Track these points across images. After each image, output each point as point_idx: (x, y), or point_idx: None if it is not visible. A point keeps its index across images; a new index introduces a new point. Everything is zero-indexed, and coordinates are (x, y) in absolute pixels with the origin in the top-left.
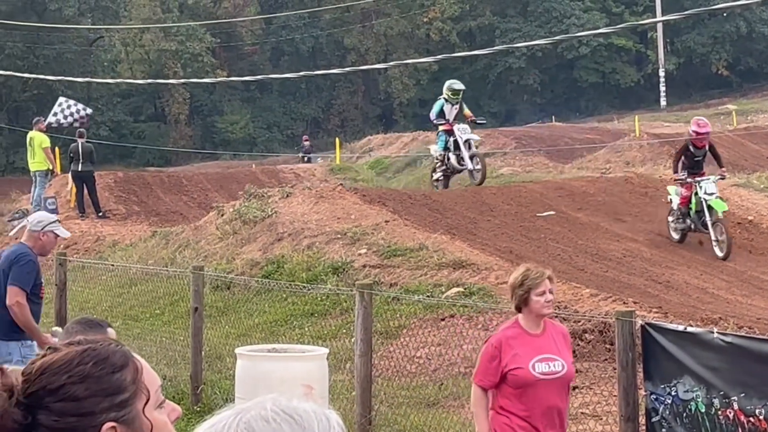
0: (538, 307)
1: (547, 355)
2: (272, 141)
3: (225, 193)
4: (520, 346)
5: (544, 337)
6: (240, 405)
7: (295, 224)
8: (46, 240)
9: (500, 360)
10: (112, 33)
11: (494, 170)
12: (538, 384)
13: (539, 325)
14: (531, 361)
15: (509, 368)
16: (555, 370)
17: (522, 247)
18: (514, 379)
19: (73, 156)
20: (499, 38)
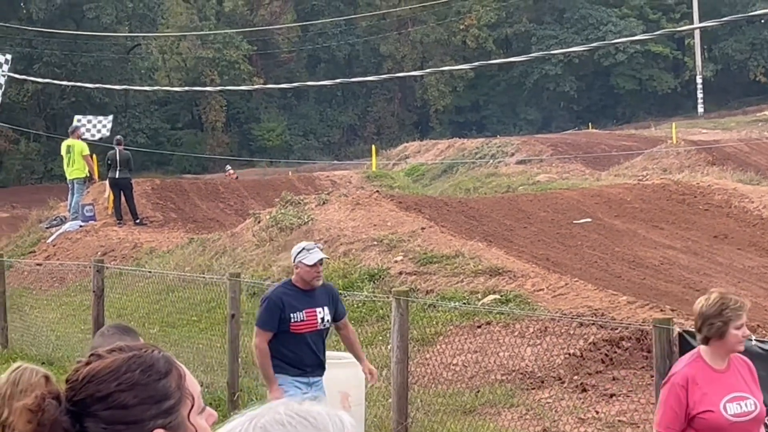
0: (734, 342)
1: (737, 393)
2: (308, 148)
3: (261, 200)
4: (707, 384)
5: (730, 373)
6: (251, 411)
7: (331, 231)
8: (300, 271)
9: (687, 402)
10: (150, 41)
11: (531, 177)
12: (732, 428)
13: (725, 360)
14: (721, 401)
15: (697, 411)
16: (747, 411)
17: (558, 254)
18: (704, 424)
19: (110, 163)
20: (536, 45)
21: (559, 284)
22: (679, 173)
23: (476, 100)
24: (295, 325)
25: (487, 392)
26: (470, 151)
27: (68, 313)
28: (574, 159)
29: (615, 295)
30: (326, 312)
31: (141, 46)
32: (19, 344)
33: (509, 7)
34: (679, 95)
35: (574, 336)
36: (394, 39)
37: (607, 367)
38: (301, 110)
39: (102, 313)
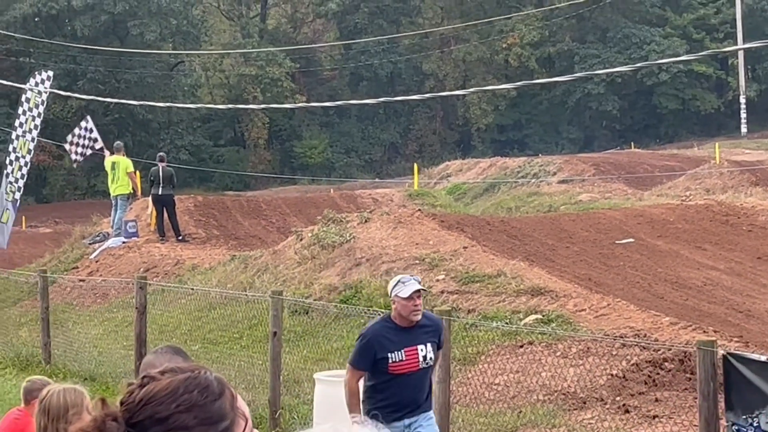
0: None
1: None
2: (350, 166)
3: (303, 218)
4: None
5: None
6: None
7: (373, 249)
8: (397, 306)
9: None
10: (193, 58)
11: (573, 197)
12: None
13: None
14: None
15: None
16: None
17: (601, 274)
18: None
19: (153, 180)
20: (578, 64)
21: (601, 305)
22: (722, 194)
23: (518, 118)
24: (393, 365)
25: (528, 412)
26: (512, 170)
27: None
28: (617, 179)
29: (657, 316)
30: (429, 349)
31: (184, 63)
32: (62, 360)
33: (552, 26)
34: (723, 115)
35: (616, 357)
36: (437, 57)
37: (650, 388)
38: (343, 128)
39: (144, 330)
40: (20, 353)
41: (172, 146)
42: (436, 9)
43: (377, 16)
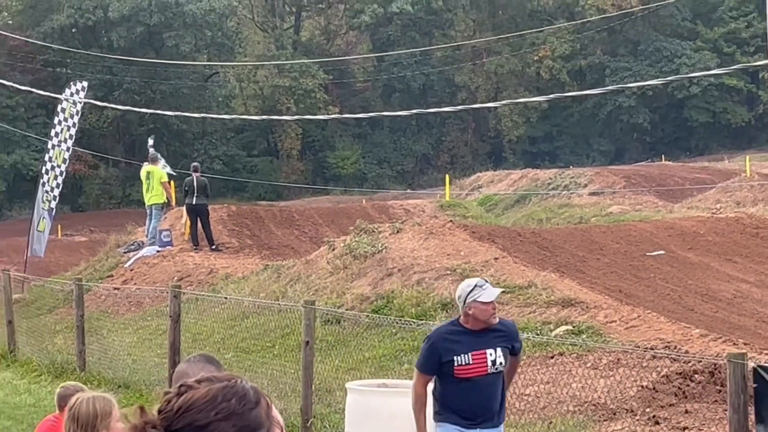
0: None
1: None
2: (382, 177)
3: (336, 228)
4: None
5: None
6: None
7: (404, 260)
8: (475, 311)
9: None
10: (227, 69)
11: (603, 209)
12: None
13: None
14: None
15: None
16: None
17: (631, 286)
18: None
19: (187, 189)
20: (609, 77)
21: (631, 316)
22: (752, 207)
23: (549, 130)
24: (459, 369)
25: (559, 423)
26: (543, 182)
27: (145, 337)
28: (647, 191)
29: (688, 328)
30: (499, 354)
31: (219, 74)
32: (96, 367)
33: (583, 39)
34: (753, 128)
35: (646, 368)
36: (469, 69)
37: (680, 400)
38: (375, 139)
39: (178, 338)
40: (55, 360)
41: (206, 156)
42: (468, 22)
43: (410, 28)
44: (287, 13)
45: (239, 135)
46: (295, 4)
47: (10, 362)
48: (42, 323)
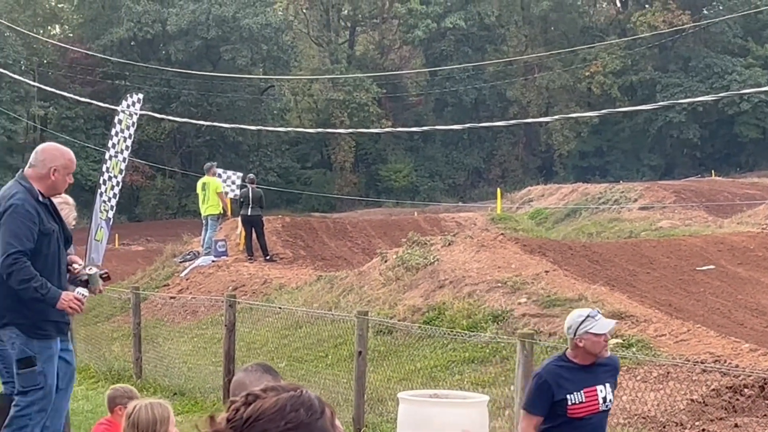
0: None
1: None
2: (434, 189)
3: (388, 240)
4: None
5: None
6: None
7: (456, 272)
8: (587, 343)
9: None
10: (283, 82)
11: (653, 223)
12: None
13: None
14: None
15: None
16: None
17: (681, 300)
18: None
19: (243, 201)
20: (660, 93)
21: (681, 330)
22: None
23: (600, 145)
24: (572, 408)
25: None
26: (593, 196)
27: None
28: (697, 206)
29: (737, 343)
30: (608, 390)
31: (274, 87)
32: (153, 375)
33: (635, 55)
34: None
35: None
36: (521, 84)
37: (730, 414)
38: (427, 152)
39: (233, 347)
40: (112, 367)
41: (261, 168)
42: (520, 37)
43: (463, 43)
44: (342, 27)
45: (294, 147)
46: (350, 19)
47: None
48: (99, 331)
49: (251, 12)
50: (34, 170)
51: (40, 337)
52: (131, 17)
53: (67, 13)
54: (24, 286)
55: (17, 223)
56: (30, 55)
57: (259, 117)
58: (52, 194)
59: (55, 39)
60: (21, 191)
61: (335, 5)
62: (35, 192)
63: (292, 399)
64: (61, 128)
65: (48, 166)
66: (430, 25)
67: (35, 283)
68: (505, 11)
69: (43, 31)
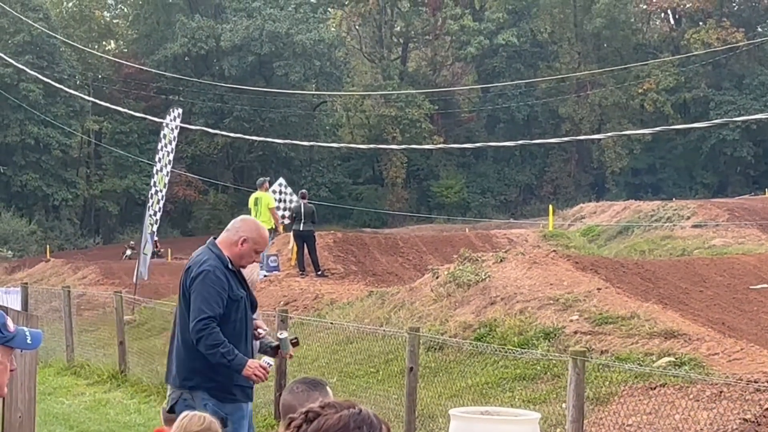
0: None
1: None
2: (485, 206)
3: (439, 256)
4: None
5: None
6: None
7: (507, 289)
8: None
9: None
10: (335, 98)
11: (706, 241)
12: None
13: None
14: None
15: None
16: None
17: (734, 318)
18: None
19: (295, 216)
20: (714, 110)
21: (734, 349)
22: None
23: (653, 162)
24: None
25: None
26: (646, 214)
27: None
28: (751, 224)
29: None
30: None
31: (327, 103)
32: None
33: (688, 72)
34: None
35: (749, 401)
36: (573, 101)
37: None
38: (479, 168)
39: (284, 361)
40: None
41: (313, 183)
42: (573, 54)
43: (515, 60)
44: (394, 44)
45: (345, 163)
46: (402, 35)
47: (121, 382)
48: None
49: (304, 28)
50: (226, 235)
51: (230, 401)
52: (185, 33)
53: (122, 28)
54: (212, 351)
55: (208, 288)
56: (85, 70)
57: (312, 132)
58: (238, 264)
59: (109, 54)
60: (212, 258)
61: (388, 22)
62: (225, 259)
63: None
64: (115, 143)
65: (240, 234)
66: (483, 41)
67: (223, 348)
68: (558, 28)
69: (98, 47)
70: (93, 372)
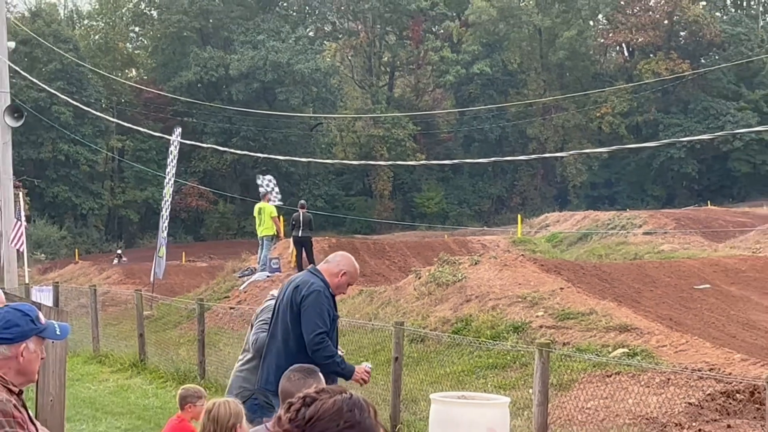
0: None
1: None
2: (462, 215)
3: (421, 259)
4: None
5: None
6: None
7: (481, 288)
8: None
9: None
10: (330, 120)
11: (656, 247)
12: None
13: None
14: None
15: None
16: None
17: (680, 315)
18: None
19: (294, 224)
20: (662, 132)
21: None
22: None
23: (609, 177)
24: None
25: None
26: (603, 222)
27: None
28: (695, 232)
29: (730, 353)
30: None
31: (322, 124)
32: (214, 376)
33: (640, 98)
34: None
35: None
36: (539, 123)
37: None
38: (456, 182)
39: None
40: (179, 369)
41: (310, 195)
42: (539, 82)
43: (488, 87)
44: (382, 72)
45: (339, 177)
46: (389, 65)
47: (141, 370)
48: (168, 336)
49: (303, 58)
50: (328, 266)
51: None
52: (198, 62)
53: (143, 58)
54: (329, 362)
55: (322, 306)
56: (110, 95)
57: (309, 150)
58: (335, 292)
59: (131, 81)
60: (318, 281)
61: (376, 53)
62: (328, 284)
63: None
64: (136, 159)
65: (341, 268)
66: (460, 71)
67: (337, 358)
68: (526, 59)
69: (122, 74)
70: (116, 361)
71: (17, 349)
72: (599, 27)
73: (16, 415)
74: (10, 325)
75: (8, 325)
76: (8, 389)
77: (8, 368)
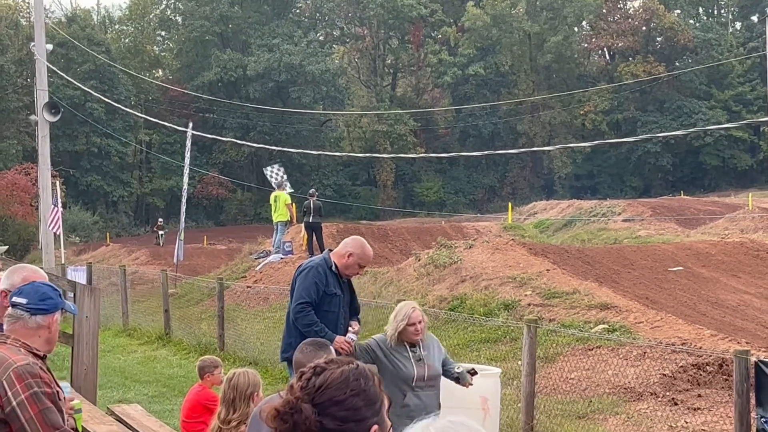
0: None
1: None
2: (458, 203)
3: (421, 243)
4: None
5: None
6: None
7: (475, 269)
8: None
9: None
10: (338, 117)
11: (634, 232)
12: None
13: None
14: None
15: None
16: None
17: (656, 294)
18: None
19: (305, 211)
20: (640, 128)
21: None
22: (754, 233)
23: (591, 169)
24: None
25: (596, 402)
26: (586, 210)
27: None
28: (669, 219)
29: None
30: None
31: (331, 120)
32: (233, 348)
33: (620, 98)
34: (755, 171)
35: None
36: (528, 120)
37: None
38: (453, 173)
39: None
40: (201, 341)
41: (320, 185)
42: (528, 83)
43: (482, 87)
44: (386, 73)
45: (346, 168)
46: (392, 66)
47: (166, 342)
48: (191, 312)
49: (314, 60)
50: (338, 249)
51: None
52: (219, 63)
53: (168, 59)
54: (307, 329)
55: (309, 280)
56: (138, 93)
57: (319, 144)
58: (345, 273)
59: (158, 80)
60: (319, 259)
61: (380, 56)
62: (330, 262)
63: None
64: (162, 151)
65: (348, 250)
66: (457, 72)
67: (316, 327)
68: (517, 62)
69: (149, 74)
70: (143, 334)
71: (51, 318)
72: (583, 33)
73: (43, 376)
74: (46, 297)
75: (44, 297)
76: (33, 353)
77: (38, 336)
